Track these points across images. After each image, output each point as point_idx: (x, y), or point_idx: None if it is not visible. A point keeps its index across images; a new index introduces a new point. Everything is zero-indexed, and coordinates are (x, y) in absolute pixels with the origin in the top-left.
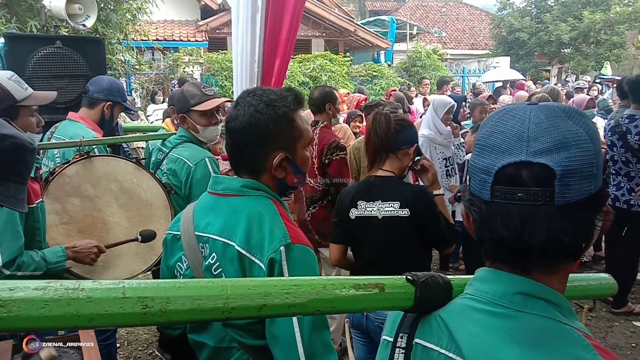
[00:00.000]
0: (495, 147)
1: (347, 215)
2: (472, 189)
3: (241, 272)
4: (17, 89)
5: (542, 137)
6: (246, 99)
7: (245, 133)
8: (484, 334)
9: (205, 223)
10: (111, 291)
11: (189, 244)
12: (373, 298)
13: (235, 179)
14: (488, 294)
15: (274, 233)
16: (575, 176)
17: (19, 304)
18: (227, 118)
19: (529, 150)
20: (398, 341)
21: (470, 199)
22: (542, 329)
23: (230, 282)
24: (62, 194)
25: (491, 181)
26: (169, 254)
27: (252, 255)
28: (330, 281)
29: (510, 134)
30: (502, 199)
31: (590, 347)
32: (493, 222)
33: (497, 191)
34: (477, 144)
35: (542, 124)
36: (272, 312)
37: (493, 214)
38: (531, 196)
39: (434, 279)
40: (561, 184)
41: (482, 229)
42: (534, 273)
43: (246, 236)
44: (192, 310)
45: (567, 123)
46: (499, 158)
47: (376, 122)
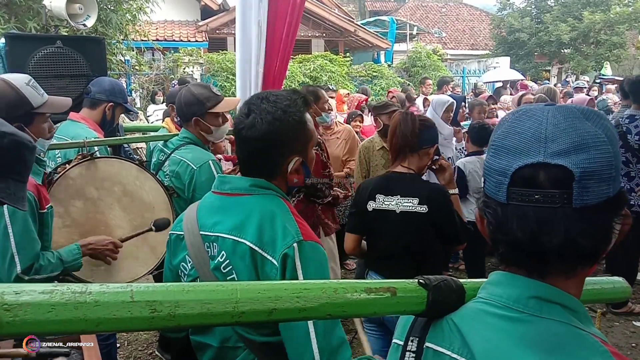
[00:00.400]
0: (512, 148)
1: (365, 207)
2: (486, 191)
3: (253, 268)
4: (34, 95)
5: (560, 138)
6: (260, 105)
7: (263, 141)
8: (498, 338)
9: (212, 222)
10: (119, 295)
11: (193, 243)
12: (385, 302)
13: (243, 178)
14: (502, 298)
15: (286, 230)
16: (594, 178)
17: (25, 308)
18: (238, 124)
19: (546, 152)
20: (408, 345)
21: (485, 201)
22: (558, 334)
23: (240, 285)
24: (66, 196)
25: (507, 183)
26: (172, 254)
27: (264, 252)
28: (341, 285)
29: (528, 134)
30: (518, 201)
31: (608, 354)
32: (509, 225)
33: (514, 193)
34: (493, 145)
35: (560, 125)
36: (283, 317)
37: (509, 217)
38: (548, 198)
39: (446, 282)
40: (580, 186)
41: (497, 231)
42: (550, 277)
43: (258, 233)
44: (201, 314)
45: (585, 124)
46: (515, 159)
47: (402, 121)
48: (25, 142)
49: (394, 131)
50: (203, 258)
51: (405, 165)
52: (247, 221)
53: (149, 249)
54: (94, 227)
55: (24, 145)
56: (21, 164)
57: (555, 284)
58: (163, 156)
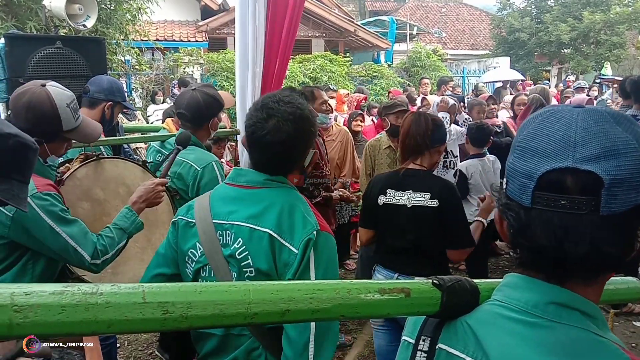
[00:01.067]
0: (539, 151)
1: (375, 201)
2: (509, 193)
3: (270, 254)
4: (69, 118)
5: (590, 143)
6: (280, 108)
7: (289, 142)
8: (515, 343)
9: (227, 211)
10: (131, 296)
11: (205, 231)
12: (398, 303)
13: (259, 173)
14: (520, 302)
15: (306, 220)
16: (623, 186)
17: (35, 310)
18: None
19: (575, 156)
20: (420, 344)
21: (506, 203)
22: (577, 340)
23: (253, 286)
24: (73, 197)
25: (533, 186)
26: (180, 239)
27: (282, 239)
28: (354, 285)
29: (556, 137)
30: (543, 206)
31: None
32: (532, 230)
33: (539, 197)
34: (519, 145)
35: (591, 129)
36: (296, 317)
37: (532, 221)
38: (575, 205)
39: (460, 283)
40: (608, 193)
41: (518, 235)
42: (569, 283)
43: (277, 222)
44: (214, 315)
45: (616, 129)
46: (542, 162)
47: (415, 122)
48: (29, 143)
49: (407, 131)
50: (214, 246)
51: (418, 163)
52: (266, 211)
53: (153, 250)
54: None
55: (28, 146)
56: (25, 165)
57: (574, 289)
58: (160, 157)
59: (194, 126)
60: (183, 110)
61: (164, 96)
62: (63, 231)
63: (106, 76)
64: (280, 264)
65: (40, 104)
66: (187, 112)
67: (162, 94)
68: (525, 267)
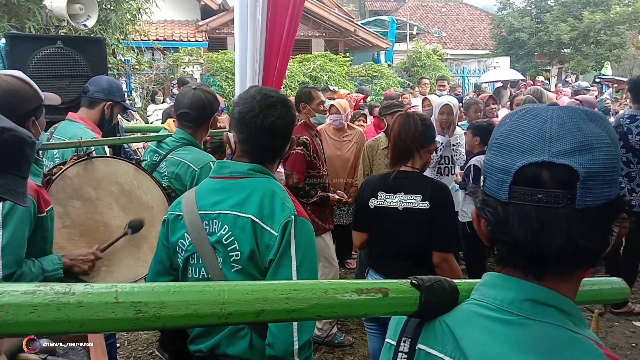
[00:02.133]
0: (515, 146)
1: (367, 204)
2: (486, 190)
3: (253, 238)
4: (39, 89)
5: (565, 138)
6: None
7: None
8: (492, 342)
9: (213, 202)
10: (103, 295)
11: (192, 222)
12: (376, 303)
13: (241, 164)
14: (496, 300)
15: (285, 205)
16: (598, 179)
17: (7, 309)
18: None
19: (551, 151)
20: (401, 345)
21: (484, 199)
22: (553, 337)
23: (228, 286)
24: (64, 196)
25: (510, 181)
26: (170, 232)
27: (264, 224)
28: (331, 285)
29: (532, 133)
30: (520, 200)
31: (604, 357)
32: (509, 224)
33: (516, 192)
34: (495, 142)
35: (565, 125)
36: (271, 317)
37: (509, 216)
38: (551, 198)
39: (439, 283)
40: (583, 187)
41: (496, 231)
42: (546, 279)
43: (259, 208)
44: (187, 315)
45: (590, 125)
46: (519, 157)
47: (404, 123)
48: (24, 137)
49: (397, 134)
50: (201, 234)
51: (409, 165)
52: (248, 199)
53: (149, 248)
54: (93, 228)
55: (24, 140)
56: (21, 160)
57: (550, 286)
58: (157, 157)
59: (196, 126)
60: (187, 110)
61: (164, 96)
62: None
63: (106, 76)
64: (262, 246)
65: (17, 87)
66: (192, 112)
67: (162, 94)
68: (503, 264)
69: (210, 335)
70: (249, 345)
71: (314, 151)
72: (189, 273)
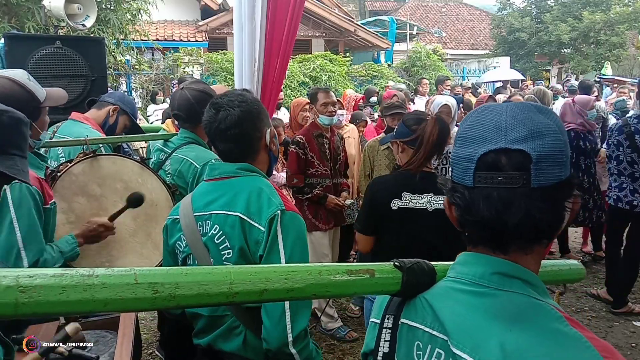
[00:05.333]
0: (477, 138)
1: (388, 206)
2: (454, 178)
3: (242, 234)
4: (37, 90)
5: (518, 127)
6: (224, 101)
7: (241, 123)
8: (466, 312)
9: (205, 203)
10: (123, 277)
11: (187, 225)
12: (364, 283)
13: (230, 164)
14: (468, 275)
15: (271, 201)
16: (549, 161)
17: (39, 290)
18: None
19: (507, 139)
20: (385, 322)
21: (452, 187)
22: (519, 305)
23: (233, 268)
24: (69, 192)
25: (473, 167)
26: (169, 236)
27: (251, 220)
28: (325, 267)
29: (490, 125)
30: (483, 184)
31: (563, 319)
32: (475, 206)
33: (479, 177)
34: (460, 136)
35: (518, 117)
36: (273, 297)
37: (475, 199)
38: (510, 180)
39: (419, 264)
40: (536, 168)
41: (464, 213)
42: (511, 253)
43: (246, 206)
44: (199, 294)
45: (539, 116)
46: (480, 146)
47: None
48: (21, 117)
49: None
50: (196, 236)
51: (429, 166)
52: (236, 197)
53: (152, 245)
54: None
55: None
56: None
57: (516, 260)
58: (163, 155)
59: (191, 125)
60: (176, 111)
61: (164, 96)
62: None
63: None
64: (252, 243)
65: (10, 90)
66: (181, 112)
67: (162, 94)
68: (474, 244)
69: (209, 331)
70: (243, 342)
71: (312, 149)
72: None
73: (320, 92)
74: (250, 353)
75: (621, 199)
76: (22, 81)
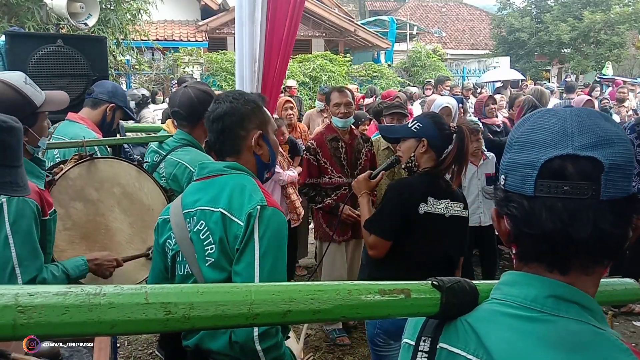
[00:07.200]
0: (539, 142)
1: (416, 210)
2: (509, 187)
3: (223, 229)
4: (35, 94)
5: (586, 134)
6: (222, 95)
7: (228, 117)
8: (516, 339)
9: (193, 200)
10: (133, 296)
11: (177, 223)
12: (399, 304)
13: (218, 163)
14: (519, 298)
15: (252, 197)
16: (620, 172)
17: (40, 310)
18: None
19: (574, 145)
20: (420, 345)
21: (507, 196)
22: (578, 333)
23: (254, 287)
24: (66, 197)
25: (535, 175)
26: (159, 235)
27: (232, 215)
28: (355, 286)
29: (554, 129)
30: (546, 193)
31: (630, 352)
32: (536, 217)
33: (542, 185)
34: (518, 141)
35: (584, 122)
36: (297, 318)
37: (536, 209)
38: (577, 190)
39: (459, 284)
40: (607, 178)
41: (522, 225)
42: (570, 274)
43: (229, 201)
44: (216, 316)
45: (606, 123)
46: (543, 152)
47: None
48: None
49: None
50: (184, 232)
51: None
52: (220, 194)
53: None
54: (94, 230)
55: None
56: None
57: (573, 282)
58: (158, 157)
59: (189, 124)
60: (176, 108)
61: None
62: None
63: (111, 81)
64: (231, 238)
65: (3, 95)
66: (181, 110)
67: (162, 94)
68: (526, 260)
69: (195, 332)
70: (229, 340)
71: (324, 155)
72: (176, 271)
73: (334, 92)
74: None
75: None
76: (18, 85)
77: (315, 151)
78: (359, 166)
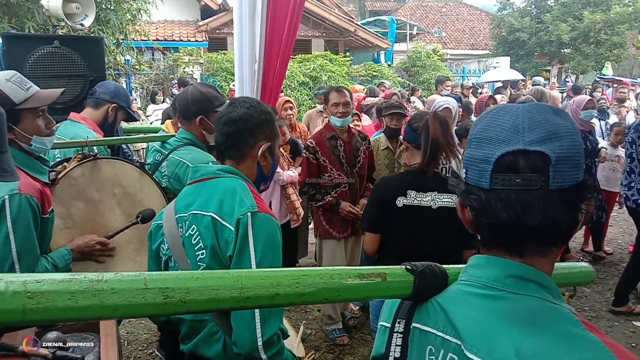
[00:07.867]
0: (493, 139)
1: (393, 203)
2: (468, 180)
3: (214, 234)
4: (16, 91)
5: (536, 129)
6: (239, 100)
7: (240, 122)
8: (481, 316)
9: (185, 204)
10: (133, 282)
11: (169, 228)
12: (376, 287)
13: (212, 166)
14: (482, 279)
15: (243, 202)
16: (567, 163)
17: (47, 296)
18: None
19: (524, 140)
20: (396, 326)
21: (467, 189)
22: (534, 308)
23: (245, 272)
24: (68, 197)
25: (490, 169)
26: (152, 241)
27: (223, 220)
28: (336, 271)
29: (507, 126)
30: (501, 186)
31: (580, 323)
32: (492, 208)
33: (496, 179)
34: (474, 138)
35: (535, 118)
36: (284, 301)
37: (492, 201)
38: (528, 182)
39: (431, 268)
40: (555, 170)
41: (480, 216)
42: (527, 256)
43: (219, 206)
44: (210, 300)
45: (555, 118)
46: (497, 148)
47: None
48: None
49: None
50: (176, 237)
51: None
52: (211, 198)
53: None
54: (93, 230)
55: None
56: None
57: (530, 263)
58: (160, 156)
59: (184, 119)
60: (175, 103)
61: (164, 96)
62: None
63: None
64: (222, 243)
65: None
66: (178, 104)
67: (162, 94)
68: (488, 246)
69: (191, 337)
70: (223, 347)
71: (323, 153)
72: None
73: (332, 92)
74: (231, 358)
75: (628, 197)
76: None
77: (315, 150)
78: (358, 164)
